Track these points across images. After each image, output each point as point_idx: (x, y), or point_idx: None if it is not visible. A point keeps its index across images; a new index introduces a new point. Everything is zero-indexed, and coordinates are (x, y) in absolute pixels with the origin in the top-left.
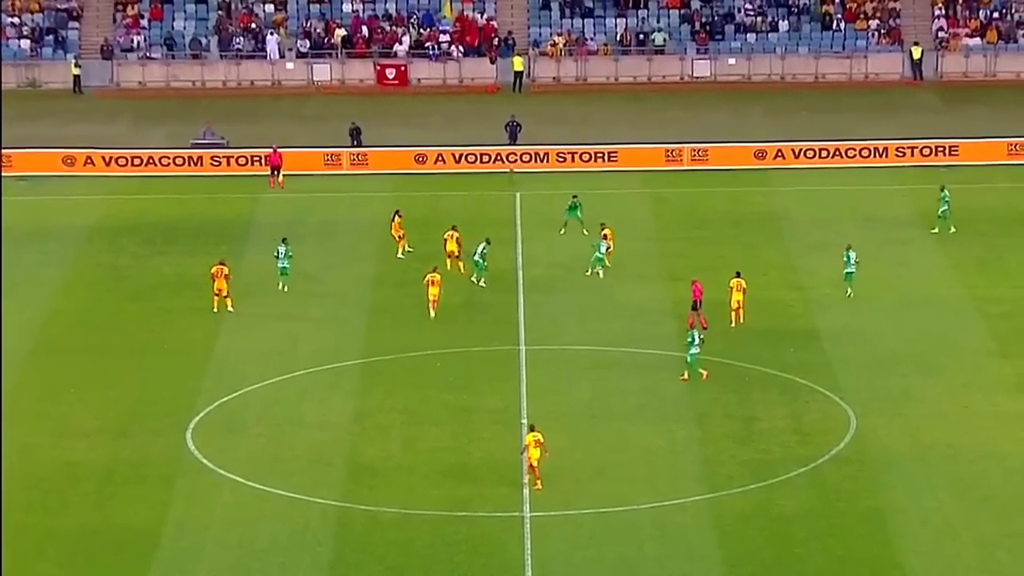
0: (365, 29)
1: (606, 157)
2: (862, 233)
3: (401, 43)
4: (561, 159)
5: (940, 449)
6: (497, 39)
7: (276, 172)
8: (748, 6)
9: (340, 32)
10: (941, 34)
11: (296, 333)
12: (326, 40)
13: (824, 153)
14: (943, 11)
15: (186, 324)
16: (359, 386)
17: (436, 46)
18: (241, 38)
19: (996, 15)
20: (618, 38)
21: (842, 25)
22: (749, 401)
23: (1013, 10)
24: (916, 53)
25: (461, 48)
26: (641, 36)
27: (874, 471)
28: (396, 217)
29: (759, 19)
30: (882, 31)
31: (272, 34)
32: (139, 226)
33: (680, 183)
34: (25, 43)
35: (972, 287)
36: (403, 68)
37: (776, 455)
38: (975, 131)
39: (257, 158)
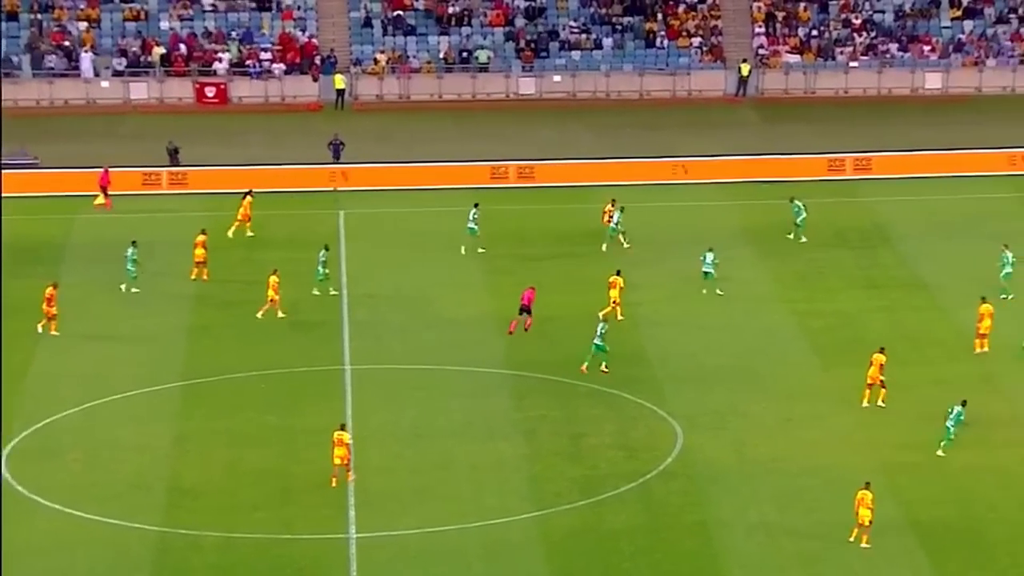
0: (183, 47)
1: (431, 175)
2: (686, 249)
3: (221, 61)
4: (384, 177)
5: (764, 463)
6: (319, 57)
7: (104, 192)
8: (572, 24)
9: (158, 50)
10: (761, 51)
11: (114, 355)
12: (143, 58)
13: (648, 170)
14: (763, 29)
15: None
16: (179, 408)
17: (257, 64)
18: (54, 56)
19: (815, 33)
20: (441, 56)
21: (665, 43)
22: (576, 417)
23: (831, 28)
24: (744, 70)
25: (282, 66)
26: (464, 54)
27: (700, 485)
28: (248, 197)
29: (584, 37)
30: (704, 48)
31: (87, 52)
32: None
33: (506, 200)
34: None
35: (794, 302)
36: (223, 86)
37: (604, 471)
38: (796, 147)
39: (73, 178)
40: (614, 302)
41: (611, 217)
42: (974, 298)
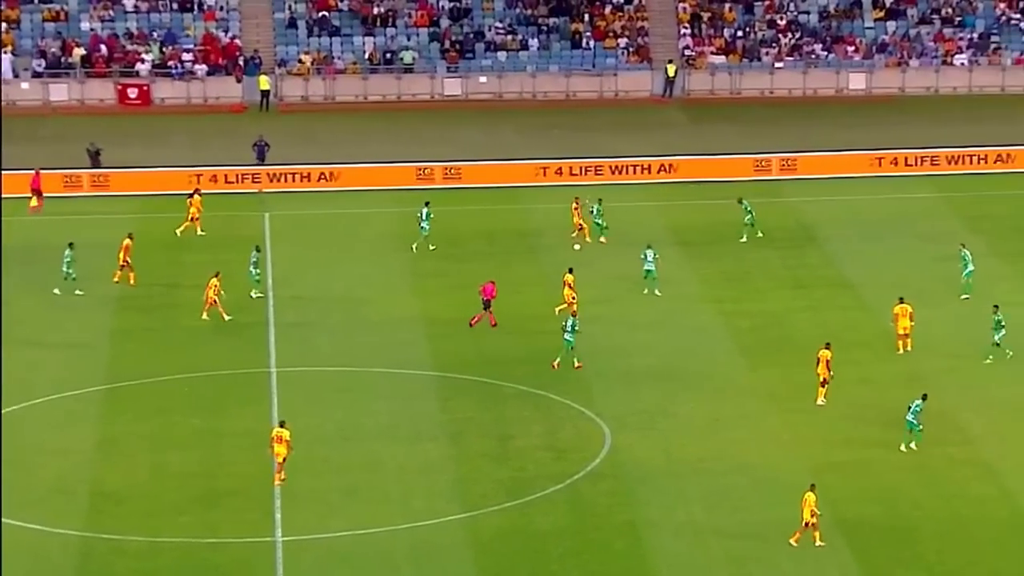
0: (104, 48)
1: (357, 176)
2: (616, 249)
3: (143, 62)
4: (310, 179)
5: (692, 463)
6: (242, 58)
7: (38, 195)
8: (498, 25)
9: (79, 51)
10: (688, 52)
11: (36, 359)
12: (63, 59)
13: (576, 170)
14: (689, 30)
15: None
16: (103, 412)
17: (179, 65)
18: None
19: (740, 34)
20: (367, 56)
21: (592, 43)
22: (504, 419)
23: (756, 29)
24: (671, 71)
25: (205, 67)
26: (389, 55)
27: (628, 486)
28: (196, 195)
29: (509, 37)
30: (631, 49)
31: (6, 53)
32: None
33: (433, 201)
34: None
35: (721, 301)
36: (145, 87)
37: (531, 472)
38: (722, 148)
39: None
40: (572, 299)
41: (580, 216)
42: (898, 298)
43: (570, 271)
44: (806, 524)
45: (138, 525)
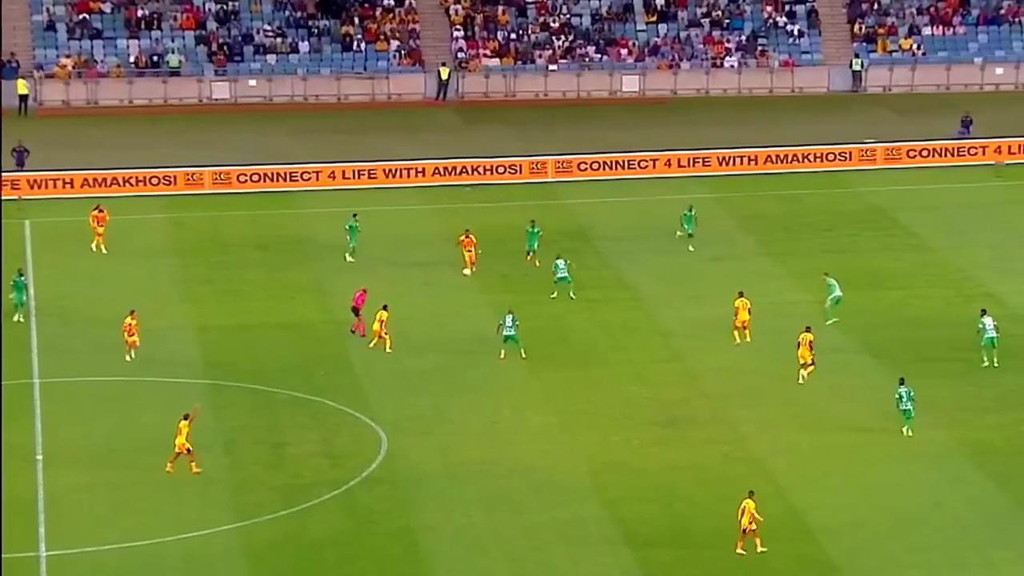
0: None
1: (122, 182)
2: (390, 253)
3: None
4: (73, 185)
5: (470, 466)
6: None
7: None
8: (267, 28)
9: None
10: (461, 55)
11: None
12: None
13: (348, 174)
14: (462, 32)
15: None
16: None
17: None
18: None
19: (513, 36)
20: (131, 60)
21: (363, 46)
22: (279, 426)
23: (530, 31)
24: (444, 73)
25: None
26: (155, 58)
27: (405, 491)
28: (96, 210)
29: (279, 40)
30: (403, 52)
31: None
32: None
33: (202, 207)
34: None
35: (498, 304)
36: None
37: (307, 479)
38: (497, 150)
39: None
40: (384, 333)
41: (471, 249)
42: (674, 298)
43: (384, 308)
44: (744, 531)
45: None
